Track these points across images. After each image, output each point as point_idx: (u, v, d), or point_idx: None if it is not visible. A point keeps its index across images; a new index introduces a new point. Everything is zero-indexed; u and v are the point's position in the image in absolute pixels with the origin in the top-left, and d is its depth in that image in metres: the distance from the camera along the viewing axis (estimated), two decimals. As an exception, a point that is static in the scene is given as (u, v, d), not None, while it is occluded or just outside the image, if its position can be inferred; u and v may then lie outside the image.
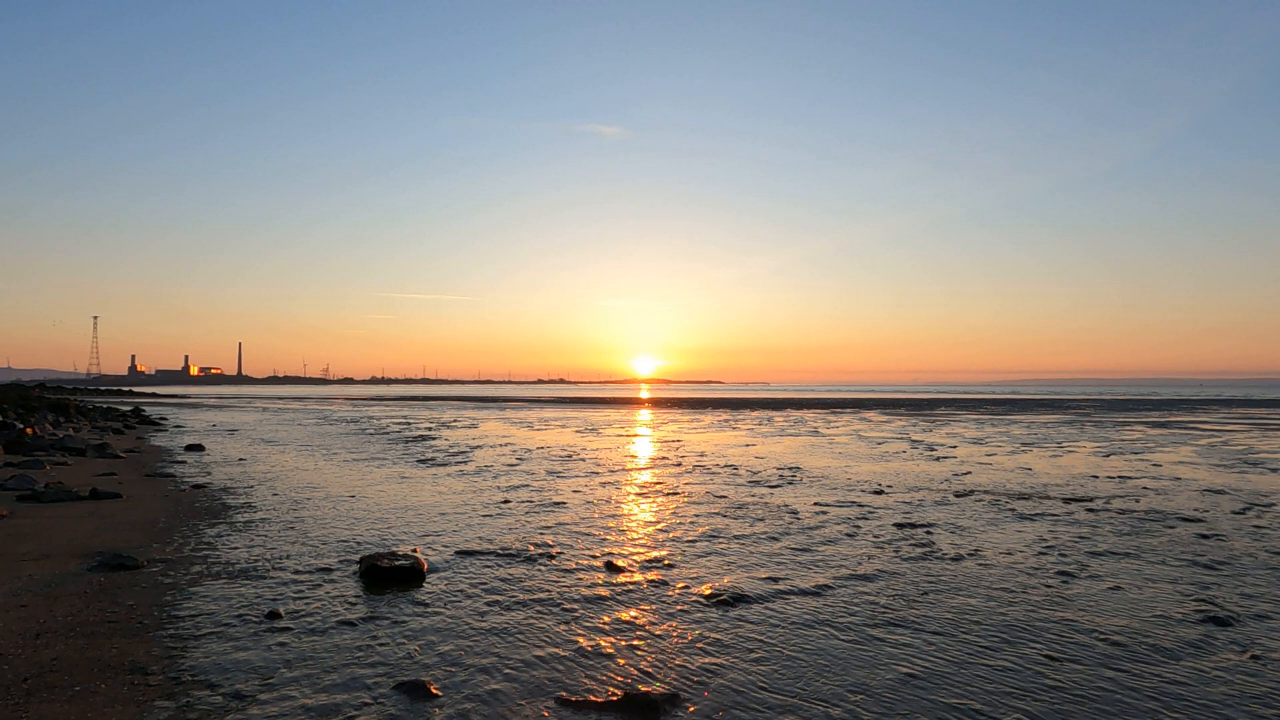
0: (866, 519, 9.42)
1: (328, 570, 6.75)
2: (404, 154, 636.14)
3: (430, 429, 28.58)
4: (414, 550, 7.33)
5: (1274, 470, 14.73)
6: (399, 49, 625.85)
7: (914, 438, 23.81)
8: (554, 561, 7.16)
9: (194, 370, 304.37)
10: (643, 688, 4.16)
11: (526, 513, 9.87)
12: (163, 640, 4.81)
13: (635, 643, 4.92)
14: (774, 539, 8.20)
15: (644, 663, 4.57)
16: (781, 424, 32.66)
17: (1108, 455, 17.91)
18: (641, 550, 7.64)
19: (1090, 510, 10.01)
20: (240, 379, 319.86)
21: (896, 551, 7.57)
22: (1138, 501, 10.74)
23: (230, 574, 6.55)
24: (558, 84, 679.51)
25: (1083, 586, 6.29)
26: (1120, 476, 13.66)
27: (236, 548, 7.59)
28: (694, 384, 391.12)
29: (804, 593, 6.10)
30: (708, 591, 6.07)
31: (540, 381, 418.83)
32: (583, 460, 16.96)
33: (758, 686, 4.23)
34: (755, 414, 43.10)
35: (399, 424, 31.79)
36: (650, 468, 15.54)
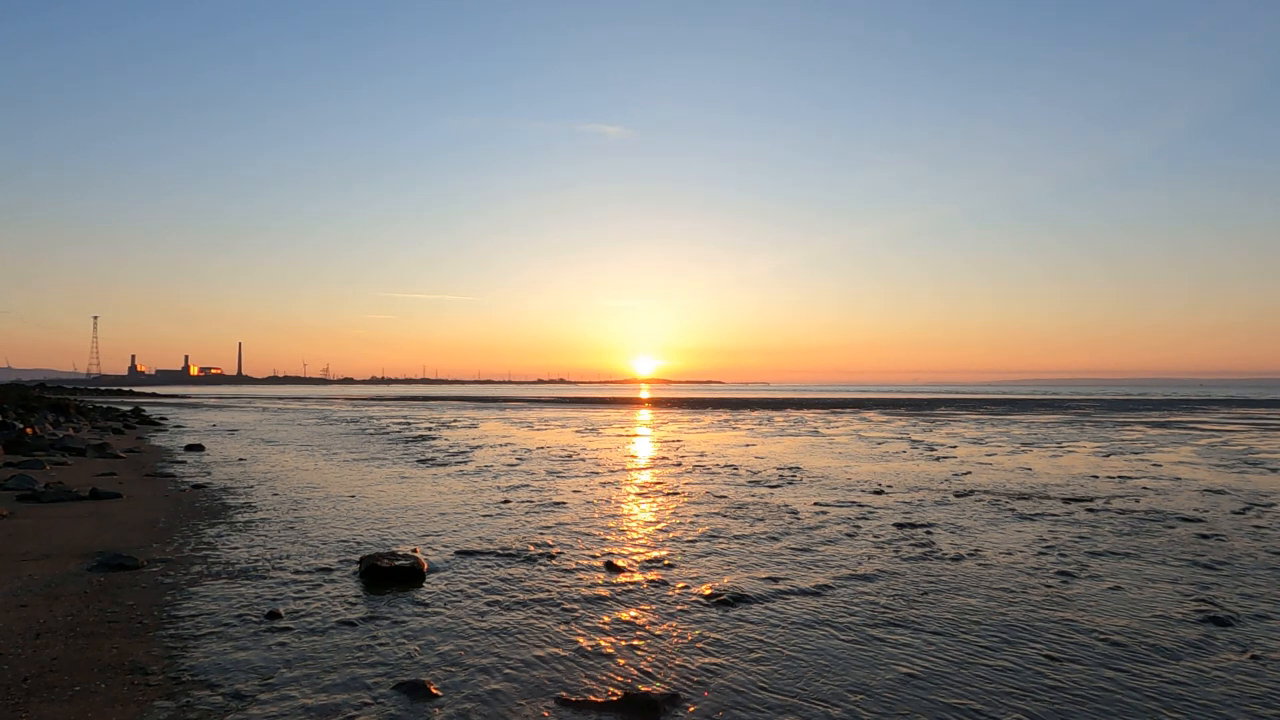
0: (866, 519, 9.42)
1: (328, 570, 6.75)
2: (404, 154, 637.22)
3: (430, 429, 28.58)
4: (414, 550, 7.33)
5: (1274, 470, 14.73)
6: (399, 49, 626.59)
7: (914, 438, 23.81)
8: (554, 561, 7.16)
9: (194, 370, 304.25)
10: (643, 688, 4.16)
11: (526, 513, 9.87)
12: (163, 640, 4.81)
13: (635, 643, 4.92)
14: (774, 539, 8.20)
15: (644, 663, 4.57)
16: (781, 424, 32.66)
17: (1108, 455, 17.91)
18: (641, 550, 7.64)
19: (1090, 510, 10.01)
20: (240, 379, 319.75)
21: (896, 551, 7.57)
22: (1138, 501, 10.74)
23: (230, 574, 6.55)
24: (560, 84, 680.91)
25: (1083, 586, 6.29)
26: (1120, 476, 13.66)
27: (236, 548, 7.59)
28: (694, 384, 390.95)
29: (804, 593, 6.10)
30: (708, 591, 6.07)
31: (540, 381, 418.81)
32: (583, 460, 16.96)
33: (758, 686, 4.23)
34: (755, 414, 43.09)
35: (399, 424, 31.79)
36: (650, 468, 15.54)
